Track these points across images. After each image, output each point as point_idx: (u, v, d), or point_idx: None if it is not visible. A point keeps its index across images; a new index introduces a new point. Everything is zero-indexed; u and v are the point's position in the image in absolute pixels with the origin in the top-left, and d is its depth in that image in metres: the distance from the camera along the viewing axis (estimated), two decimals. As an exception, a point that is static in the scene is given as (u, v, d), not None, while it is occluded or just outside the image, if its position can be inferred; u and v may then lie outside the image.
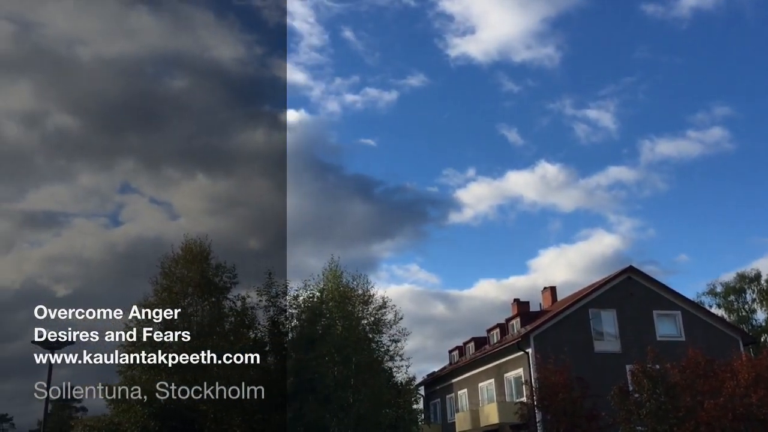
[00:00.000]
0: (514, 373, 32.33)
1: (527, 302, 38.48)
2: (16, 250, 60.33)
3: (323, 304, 28.67)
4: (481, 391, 35.95)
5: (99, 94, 57.58)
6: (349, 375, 27.02)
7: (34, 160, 58.06)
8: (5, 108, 57.14)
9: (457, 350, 43.61)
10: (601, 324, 31.87)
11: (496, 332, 37.90)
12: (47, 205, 61.55)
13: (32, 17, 58.10)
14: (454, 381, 39.80)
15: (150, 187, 67.97)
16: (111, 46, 62.50)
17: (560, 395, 25.00)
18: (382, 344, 29.52)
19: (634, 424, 24.22)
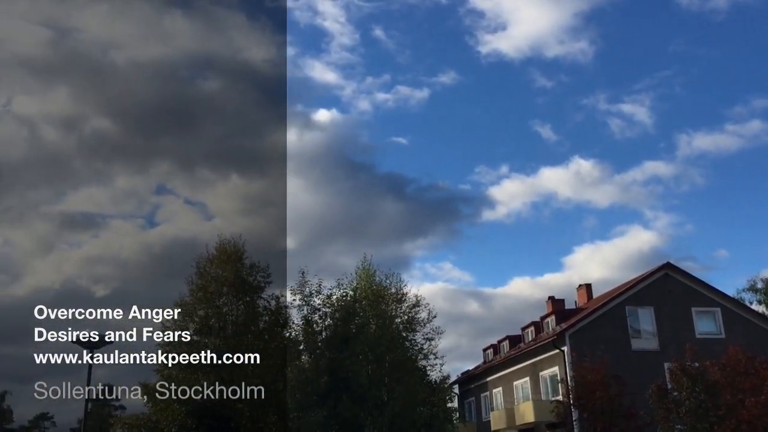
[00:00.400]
0: (550, 371, 32.02)
1: (562, 300, 38.10)
2: (55, 251, 61.61)
3: (356, 303, 28.73)
4: (516, 389, 35.68)
5: (134, 97, 58.50)
6: (383, 373, 27.06)
7: (72, 164, 59.22)
8: (44, 113, 58.39)
9: (492, 348, 43.33)
10: (638, 321, 31.39)
11: (530, 330, 37.57)
12: (85, 207, 62.77)
13: (69, 23, 59.28)
14: (489, 379, 39.56)
15: (185, 188, 68.83)
16: (145, 49, 63.44)
17: (597, 393, 24.68)
18: (416, 343, 29.53)
19: (673, 422, 23.82)
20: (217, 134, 64.00)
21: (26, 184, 54.85)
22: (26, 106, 58.71)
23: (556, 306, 37.18)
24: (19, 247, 58.22)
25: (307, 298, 28.67)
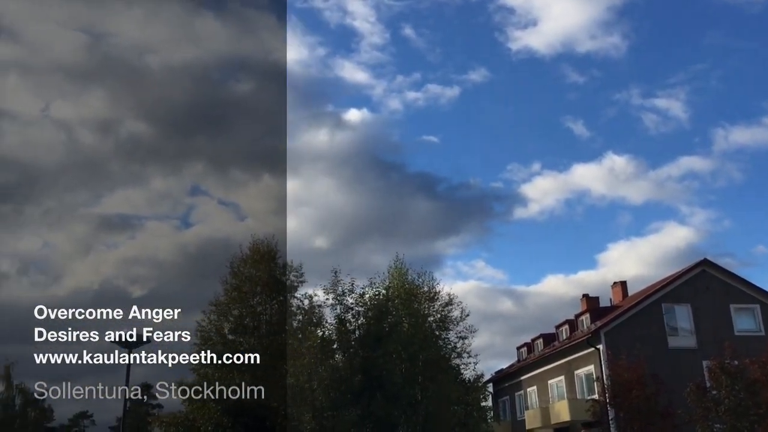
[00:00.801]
0: (585, 369, 31.74)
1: (597, 297, 37.73)
2: (93, 252, 62.73)
3: (389, 302, 28.76)
4: (551, 388, 35.43)
5: (168, 100, 59.37)
6: (416, 372, 27.05)
7: (108, 166, 60.22)
8: (80, 117, 59.46)
9: (526, 347, 43.09)
10: (675, 319, 30.96)
11: (565, 328, 37.28)
12: (122, 209, 63.81)
13: (103, 28, 60.29)
14: (523, 378, 39.34)
15: (218, 189, 69.58)
16: (178, 52, 64.35)
17: (633, 392, 24.42)
18: (449, 341, 29.45)
19: (712, 421, 23.46)
20: (250, 135, 64.62)
21: (64, 187, 55.97)
22: (63, 111, 59.89)
23: (590, 304, 36.86)
24: (59, 248, 59.41)
25: (340, 297, 28.78)
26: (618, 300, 36.71)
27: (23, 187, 50.97)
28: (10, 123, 53.46)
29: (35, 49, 55.62)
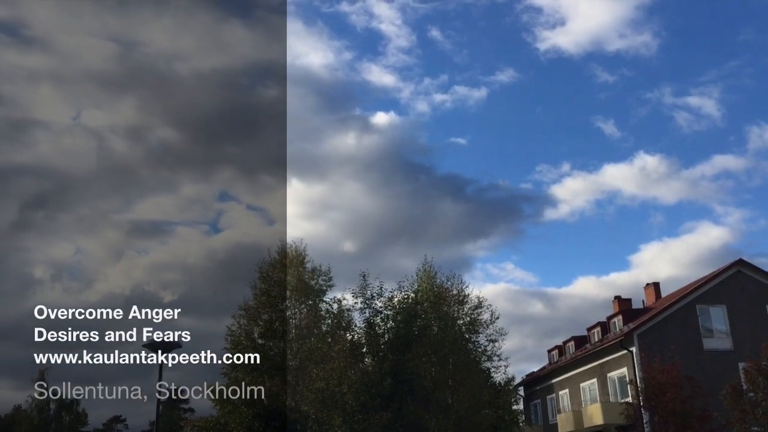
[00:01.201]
0: (618, 372, 31.30)
1: (629, 299, 37.25)
2: (125, 258, 63.64)
3: (418, 305, 28.67)
4: (584, 391, 35.00)
5: (197, 106, 60.11)
6: (446, 376, 26.91)
7: (139, 173, 61.11)
8: (112, 124, 60.46)
9: (557, 350, 42.66)
10: (710, 320, 30.42)
11: (597, 331, 36.83)
12: (152, 215, 64.70)
13: (134, 37, 61.25)
14: (555, 381, 38.93)
15: (247, 194, 70.23)
16: (207, 60, 65.21)
17: (668, 395, 23.98)
18: (479, 344, 29.28)
19: (749, 424, 22.96)
20: (278, 140, 65.04)
21: (96, 194, 56.90)
22: (95, 119, 60.98)
23: (622, 305, 36.40)
24: (91, 254, 60.42)
25: (369, 301, 28.75)
26: (651, 302, 36.17)
27: (56, 194, 51.92)
28: (43, 132, 54.43)
29: (67, 59, 56.67)
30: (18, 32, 57.82)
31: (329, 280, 28.86)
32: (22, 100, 57.13)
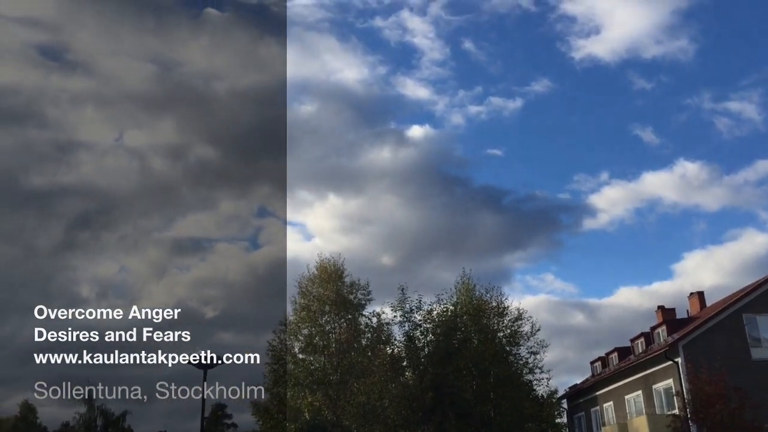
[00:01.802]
0: (663, 384, 30.69)
1: (673, 309, 36.51)
2: (167, 275, 64.77)
3: (457, 318, 28.58)
4: (628, 403, 34.38)
5: (234, 124, 61.18)
6: (488, 389, 26.77)
7: (179, 191, 62.27)
8: (152, 144, 61.79)
9: (600, 361, 41.98)
10: (758, 329, 29.62)
11: (640, 342, 36.19)
12: (193, 232, 65.80)
13: (172, 57, 62.71)
14: (599, 393, 38.31)
15: (285, 209, 71.19)
16: (243, 78, 66.40)
17: (716, 407, 23.49)
18: (520, 357, 29.08)
19: (802, 436, 22.36)
20: (314, 155, 65.86)
21: (139, 212, 58.11)
22: (136, 139, 62.39)
23: (666, 315, 35.72)
24: (135, 272, 61.56)
25: (408, 315, 28.77)
26: (695, 311, 35.44)
27: (100, 214, 53.12)
28: (86, 153, 55.90)
29: (109, 82, 58.12)
30: (62, 57, 59.66)
31: (368, 294, 28.99)
32: (67, 122, 58.85)
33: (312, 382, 26.46)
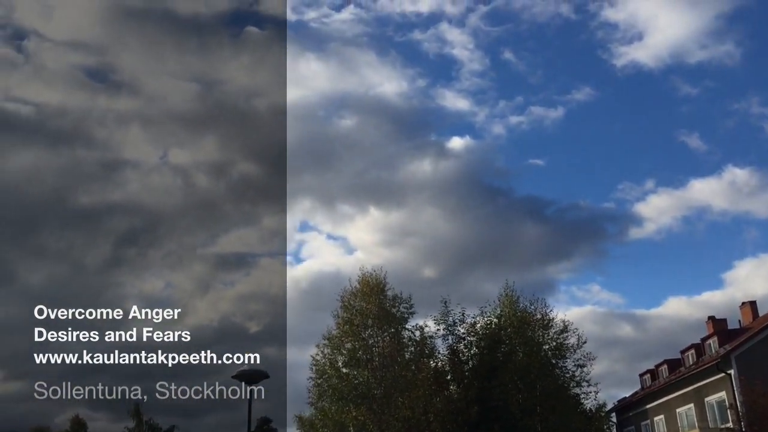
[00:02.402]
0: (716, 396, 29.87)
1: (724, 319, 35.58)
2: (212, 290, 65.72)
3: (501, 331, 28.27)
4: (680, 416, 33.53)
5: (276, 140, 62.03)
6: (534, 403, 26.36)
7: (223, 208, 63.30)
8: (196, 161, 62.97)
9: (649, 374, 41.11)
10: (814, 339, 28.70)
11: (690, 353, 35.33)
12: (236, 248, 66.81)
13: (214, 76, 64.00)
14: (649, 407, 37.47)
15: (327, 223, 71.77)
16: (284, 94, 67.39)
17: (773, 420, 22.76)
18: (567, 370, 28.58)
19: None
20: (355, 169, 66.31)
21: (183, 229, 59.21)
22: (180, 157, 63.70)
23: (717, 326, 34.80)
24: (180, 288, 62.61)
25: (451, 328, 28.56)
26: (748, 321, 34.48)
27: (146, 231, 54.16)
28: (132, 171, 57.11)
29: (153, 101, 59.48)
30: (107, 78, 61.37)
31: (410, 308, 28.88)
32: (113, 142, 60.37)
33: (356, 396, 26.39)
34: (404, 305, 28.80)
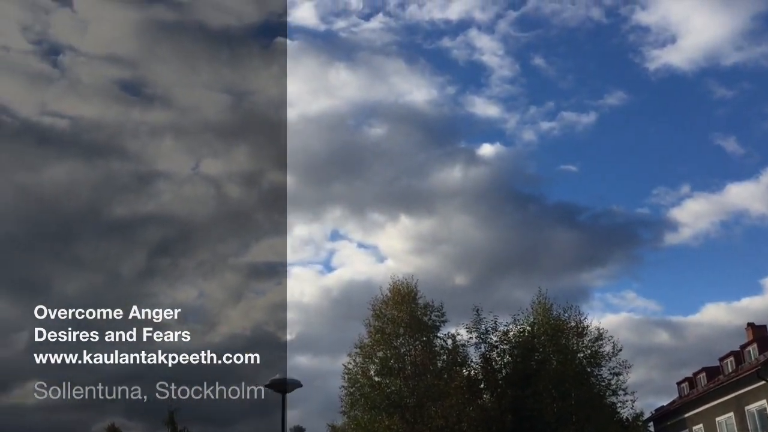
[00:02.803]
0: (757, 405, 29.17)
1: (764, 326, 34.86)
2: (244, 299, 66.26)
3: (535, 339, 27.96)
4: (720, 425, 32.82)
5: (306, 149, 62.54)
6: (569, 411, 26.00)
7: (254, 217, 63.83)
8: (228, 171, 63.61)
9: (687, 382, 40.33)
10: None
11: (730, 361, 34.60)
12: (268, 257, 67.29)
13: (245, 87, 64.68)
14: (687, 416, 36.73)
15: (357, 232, 71.86)
16: (314, 104, 67.85)
17: (818, 429, 22.09)
18: (602, 378, 28.16)
19: None
20: (385, 177, 66.42)
21: (216, 238, 59.83)
22: (212, 167, 64.40)
23: (757, 333, 34.08)
24: (212, 297, 63.24)
25: (484, 336, 28.32)
26: (789, 327, 33.69)
27: (179, 241, 54.81)
28: (165, 182, 57.88)
29: (185, 113, 60.29)
30: (140, 91, 62.31)
31: (442, 316, 28.71)
32: (146, 154, 61.28)
33: (388, 405, 26.28)
34: (436, 313, 28.66)
